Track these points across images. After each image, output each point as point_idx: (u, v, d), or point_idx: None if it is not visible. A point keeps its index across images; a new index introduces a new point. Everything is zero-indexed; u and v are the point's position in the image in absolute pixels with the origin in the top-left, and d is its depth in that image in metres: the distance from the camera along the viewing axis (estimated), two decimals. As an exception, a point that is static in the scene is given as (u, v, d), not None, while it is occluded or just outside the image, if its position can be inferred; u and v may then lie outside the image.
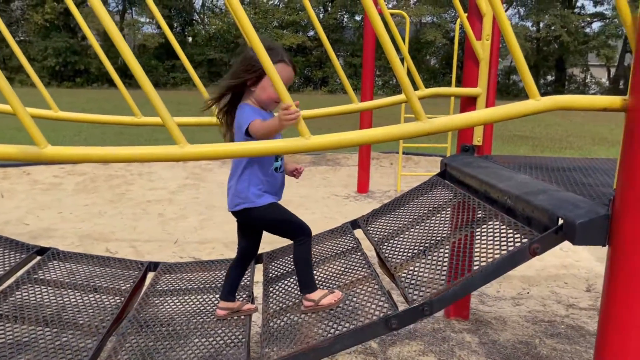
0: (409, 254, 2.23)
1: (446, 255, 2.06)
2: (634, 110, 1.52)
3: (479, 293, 3.59)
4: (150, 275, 2.80)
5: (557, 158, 3.08)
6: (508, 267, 1.81)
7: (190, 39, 38.38)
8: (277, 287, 2.49)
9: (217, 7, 39.52)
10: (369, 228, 2.70)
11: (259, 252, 2.55)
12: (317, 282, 2.26)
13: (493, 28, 2.87)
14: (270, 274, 2.67)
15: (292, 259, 2.72)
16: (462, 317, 3.19)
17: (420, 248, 2.23)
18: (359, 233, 2.77)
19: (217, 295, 2.50)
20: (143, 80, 1.56)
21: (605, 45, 35.63)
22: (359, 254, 2.55)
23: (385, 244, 2.44)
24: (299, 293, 2.26)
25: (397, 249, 2.32)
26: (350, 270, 2.42)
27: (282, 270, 2.65)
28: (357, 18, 37.20)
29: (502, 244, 1.85)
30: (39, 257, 2.74)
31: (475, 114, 1.75)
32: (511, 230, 1.90)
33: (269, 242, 4.70)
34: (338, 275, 2.41)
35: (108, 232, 4.86)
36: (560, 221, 1.70)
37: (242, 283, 2.65)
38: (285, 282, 2.51)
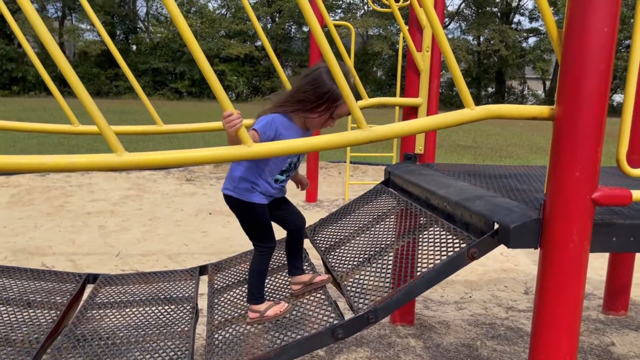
0: (355, 262, 2.25)
1: (390, 262, 2.10)
2: (560, 119, 1.61)
3: (424, 298, 3.67)
4: (90, 288, 2.70)
5: (495, 166, 3.20)
6: (448, 272, 1.86)
7: (134, 47, 37.50)
8: (222, 299, 2.45)
9: (162, 15, 38.84)
10: (316, 237, 2.71)
11: (205, 263, 2.52)
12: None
13: (433, 40, 2.96)
14: (216, 286, 2.63)
15: (238, 271, 2.70)
16: (407, 322, 3.25)
17: (366, 256, 2.26)
18: (306, 242, 2.77)
19: (160, 308, 2.44)
20: (75, 84, 1.51)
21: (540, 59, 37.51)
22: (306, 264, 2.55)
23: (332, 252, 2.45)
24: (245, 304, 2.23)
25: (343, 258, 2.34)
26: (297, 280, 2.41)
27: (227, 282, 2.62)
28: (305, 29, 37.48)
29: (442, 249, 1.90)
30: (-33, 273, 2.60)
31: (414, 122, 1.80)
32: (451, 236, 1.96)
33: (216, 253, 4.63)
34: (285, 286, 2.40)
35: (45, 246, 4.65)
36: (496, 226, 1.77)
37: (187, 295, 2.61)
38: (231, 293, 2.48)
